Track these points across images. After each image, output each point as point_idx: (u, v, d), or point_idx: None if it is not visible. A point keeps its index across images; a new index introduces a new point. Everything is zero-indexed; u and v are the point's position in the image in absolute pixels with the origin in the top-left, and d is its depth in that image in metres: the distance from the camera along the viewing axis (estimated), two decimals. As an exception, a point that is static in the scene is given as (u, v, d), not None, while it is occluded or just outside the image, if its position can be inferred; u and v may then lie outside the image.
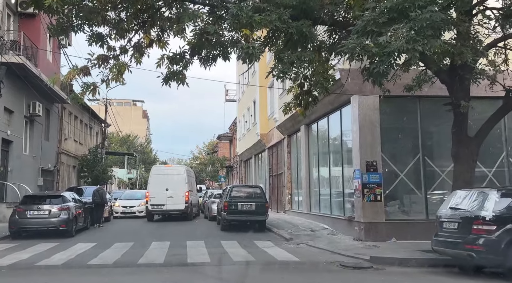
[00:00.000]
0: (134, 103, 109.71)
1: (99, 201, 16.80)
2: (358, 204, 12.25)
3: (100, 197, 16.79)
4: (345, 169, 14.05)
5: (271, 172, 25.46)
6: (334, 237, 12.97)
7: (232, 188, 15.88)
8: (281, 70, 7.40)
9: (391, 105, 12.74)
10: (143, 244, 11.91)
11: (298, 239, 12.87)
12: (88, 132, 32.96)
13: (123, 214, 21.85)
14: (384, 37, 5.75)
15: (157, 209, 19.41)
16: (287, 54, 7.03)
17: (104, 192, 17.55)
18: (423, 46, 5.77)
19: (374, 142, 12.24)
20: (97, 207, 16.83)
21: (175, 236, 13.84)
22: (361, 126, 12.27)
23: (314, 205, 17.41)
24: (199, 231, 15.42)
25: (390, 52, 5.72)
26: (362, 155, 12.18)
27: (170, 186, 19.46)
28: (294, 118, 18.55)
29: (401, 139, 12.81)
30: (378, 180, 12.17)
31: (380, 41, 5.75)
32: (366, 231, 11.93)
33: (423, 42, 5.76)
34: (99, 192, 17.02)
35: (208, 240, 12.94)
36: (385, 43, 5.70)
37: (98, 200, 16.78)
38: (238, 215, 15.07)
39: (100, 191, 17.19)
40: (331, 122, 15.41)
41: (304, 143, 18.18)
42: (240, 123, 35.50)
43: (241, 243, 12.29)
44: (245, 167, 36.19)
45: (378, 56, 5.88)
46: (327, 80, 8.64)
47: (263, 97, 26.34)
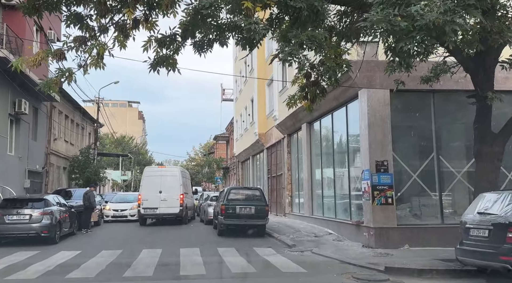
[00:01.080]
0: (129, 104, 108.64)
1: (87, 205, 15.87)
2: (368, 208, 11.23)
3: (88, 200, 15.80)
4: (352, 170, 13.04)
5: (270, 173, 24.42)
6: (340, 243, 11.94)
7: (229, 190, 14.82)
8: (288, 52, 6.36)
9: (402, 99, 11.75)
10: (132, 252, 10.84)
11: (301, 245, 11.83)
12: (80, 132, 31.79)
13: (114, 218, 20.74)
14: (416, 7, 4.75)
15: (150, 212, 18.32)
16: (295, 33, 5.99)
17: (93, 195, 16.48)
18: (463, 19, 4.77)
19: (384, 140, 11.23)
20: (85, 210, 15.89)
21: (168, 243, 12.78)
22: (370, 123, 11.26)
23: (317, 208, 16.39)
24: (194, 237, 14.35)
25: (422, 25, 4.71)
26: (371, 154, 11.17)
27: (164, 189, 18.38)
28: (295, 115, 17.55)
29: (414, 136, 11.82)
30: (389, 181, 11.16)
31: (412, 12, 4.74)
32: (376, 237, 10.92)
33: (462, 13, 4.77)
34: (88, 195, 16.04)
35: (204, 247, 11.89)
36: (417, 14, 4.70)
37: (87, 204, 15.84)
38: (236, 219, 14.03)
39: (88, 193, 16.18)
40: (335, 119, 14.39)
41: (305, 142, 17.16)
42: (237, 123, 34.46)
43: (240, 250, 11.25)
44: (242, 168, 35.16)
45: (407, 32, 4.87)
46: (340, 66, 7.60)
47: (262, 95, 25.32)
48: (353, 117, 13.04)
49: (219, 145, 53.38)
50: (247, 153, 30.85)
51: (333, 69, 7.29)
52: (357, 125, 12.72)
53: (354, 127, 13.03)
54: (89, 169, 27.63)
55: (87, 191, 16.38)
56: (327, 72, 7.44)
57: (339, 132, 14.29)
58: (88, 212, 16.00)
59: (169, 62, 6.94)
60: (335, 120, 14.45)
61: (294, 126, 18.70)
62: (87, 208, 15.90)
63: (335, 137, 14.58)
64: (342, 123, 13.74)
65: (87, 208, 15.90)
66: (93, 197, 16.28)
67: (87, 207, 15.84)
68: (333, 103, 13.80)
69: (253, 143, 27.14)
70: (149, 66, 7.08)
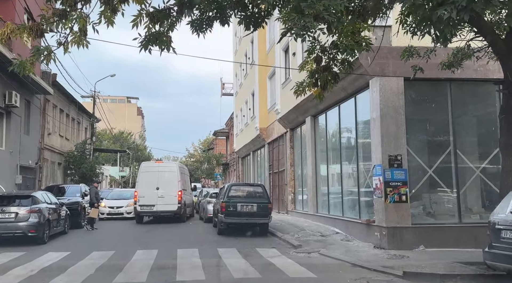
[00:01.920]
0: (128, 100, 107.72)
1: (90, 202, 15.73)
2: (379, 206, 10.41)
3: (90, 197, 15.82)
4: (361, 165, 12.21)
5: (272, 169, 23.59)
6: (349, 244, 11.13)
7: (230, 187, 13.99)
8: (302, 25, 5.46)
9: (417, 89, 10.93)
10: (125, 254, 10.02)
11: (307, 245, 11.02)
12: (75, 127, 30.91)
13: (110, 215, 19.90)
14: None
15: (147, 210, 17.50)
16: (309, 3, 5.10)
17: (96, 191, 16.06)
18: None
19: (398, 132, 10.40)
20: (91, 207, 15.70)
21: (164, 243, 11.96)
22: (383, 114, 10.42)
23: (322, 206, 15.57)
24: (193, 236, 13.53)
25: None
26: (384, 148, 10.34)
27: (161, 185, 17.56)
28: (298, 108, 16.71)
29: (429, 129, 10.97)
30: (403, 177, 10.33)
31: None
32: (389, 238, 10.10)
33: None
34: (90, 191, 15.94)
35: (203, 247, 11.08)
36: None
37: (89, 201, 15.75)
38: (237, 218, 13.21)
39: (91, 189, 15.97)
40: (343, 111, 13.55)
41: (310, 136, 16.32)
42: (238, 118, 33.60)
43: (242, 251, 10.45)
44: (242, 164, 34.34)
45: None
46: (359, 44, 6.74)
47: (263, 88, 24.46)
48: (363, 109, 12.21)
49: (218, 141, 52.53)
50: (248, 149, 30.01)
51: (351, 48, 6.43)
52: (367, 117, 11.90)
53: (364, 119, 12.20)
54: (85, 164, 26.78)
55: (91, 187, 16.14)
56: (345, 51, 6.56)
57: (347, 125, 13.44)
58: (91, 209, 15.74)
59: (162, 39, 6.08)
60: (342, 113, 13.60)
61: (298, 119, 17.86)
62: (91, 205, 15.58)
63: (343, 131, 13.73)
64: (350, 116, 12.89)
65: (91, 205, 15.58)
66: (93, 193, 15.88)
67: (93, 204, 15.57)
68: (340, 94, 12.96)
69: (254, 138, 26.30)
70: (140, 45, 6.22)
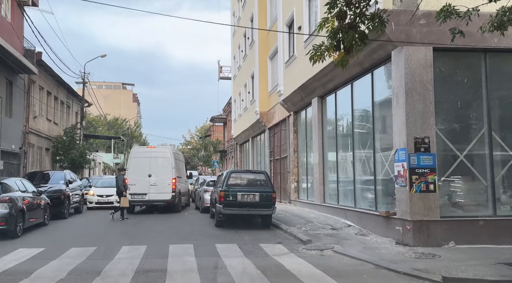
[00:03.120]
0: (123, 86, 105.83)
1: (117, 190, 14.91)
2: (403, 196, 9.01)
3: (116, 185, 14.77)
4: (377, 150, 10.77)
5: (273, 155, 22.16)
6: (366, 239, 9.75)
7: (229, 174, 12.53)
8: None
9: (447, 61, 9.46)
10: (108, 251, 8.62)
11: (318, 241, 9.64)
12: (65, 111, 29.29)
13: (99, 204, 18.49)
14: None
15: (138, 199, 16.07)
16: None
17: (121, 178, 14.93)
18: None
19: (425, 111, 8.95)
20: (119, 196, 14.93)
21: (155, 237, 10.56)
22: (408, 90, 8.95)
23: (331, 195, 14.18)
24: (188, 228, 12.12)
25: None
26: (409, 129, 8.90)
27: (154, 172, 16.12)
28: (304, 88, 15.21)
29: (460, 108, 9.50)
30: (431, 163, 8.92)
31: None
32: (414, 232, 8.72)
33: None
34: (116, 179, 14.95)
35: (199, 242, 9.69)
36: None
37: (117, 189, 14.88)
38: (237, 208, 11.80)
39: (117, 178, 15.01)
40: (357, 90, 12.06)
41: (317, 119, 14.85)
42: (236, 103, 32.05)
43: (243, 247, 9.07)
44: (241, 151, 32.91)
45: None
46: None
47: (263, 70, 22.91)
48: (381, 86, 10.75)
49: (215, 127, 51.03)
50: (247, 135, 28.55)
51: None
52: (386, 94, 10.45)
53: (383, 97, 10.75)
54: (74, 150, 25.24)
55: (117, 175, 15.09)
56: None
57: (362, 105, 11.97)
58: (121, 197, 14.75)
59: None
60: (356, 91, 12.11)
61: (303, 101, 16.36)
62: (119, 194, 14.75)
63: (356, 112, 12.25)
64: (365, 94, 11.41)
65: (119, 194, 14.75)
66: (120, 181, 14.79)
67: (117, 192, 14.81)
68: (354, 70, 11.46)
69: (254, 123, 24.82)
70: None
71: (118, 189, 14.75)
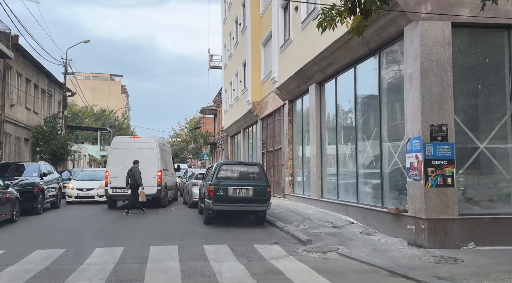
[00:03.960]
0: (112, 78, 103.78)
1: (132, 183, 13.71)
2: (417, 191, 7.95)
3: (133, 178, 13.66)
4: (385, 139, 9.70)
5: (266, 147, 21.03)
6: (373, 239, 8.68)
7: (220, 166, 11.36)
8: None
9: (466, 38, 8.39)
10: (79, 253, 7.45)
11: (319, 241, 8.56)
12: (46, 99, 27.78)
13: (79, 198, 17.21)
14: None
15: (120, 193, 14.84)
16: None
17: (138, 171, 13.81)
18: None
19: (443, 95, 7.87)
20: (132, 190, 13.80)
21: (136, 236, 9.38)
22: (424, 70, 7.86)
23: (330, 190, 13.11)
24: (173, 226, 10.96)
25: None
26: (425, 115, 7.82)
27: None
28: (300, 74, 14.07)
29: (481, 92, 8.44)
30: (449, 154, 7.86)
31: None
32: (430, 232, 7.68)
33: None
34: (132, 172, 13.71)
35: (185, 242, 8.55)
36: None
37: (131, 182, 13.71)
38: (228, 204, 10.67)
39: (133, 170, 13.75)
40: (361, 73, 10.94)
41: (315, 108, 13.72)
42: (227, 93, 30.82)
43: (235, 249, 7.96)
44: (232, 144, 31.73)
45: None
46: None
47: (256, 57, 21.70)
48: (390, 68, 9.68)
49: (206, 119, 49.72)
50: (238, 126, 27.37)
51: None
52: (395, 77, 9.38)
53: (392, 81, 9.67)
54: (55, 141, 23.81)
55: (132, 168, 13.82)
56: None
57: (367, 90, 10.88)
58: (134, 191, 13.72)
59: None
60: (360, 75, 11.00)
61: (299, 88, 15.22)
62: (133, 187, 13.68)
63: (360, 98, 11.14)
64: (371, 78, 10.31)
65: (133, 187, 13.68)
66: (138, 174, 13.71)
67: (132, 185, 13.68)
68: (358, 51, 10.35)
69: (245, 114, 23.64)
70: None
71: (136, 182, 13.66)
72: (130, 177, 13.64)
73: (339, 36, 10.30)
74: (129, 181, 13.64)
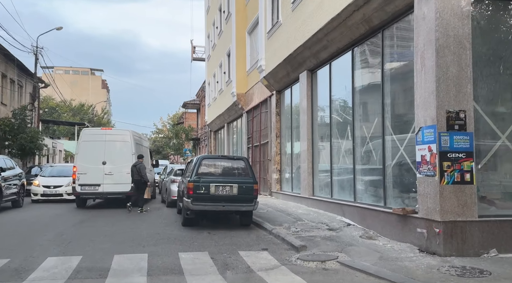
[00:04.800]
0: (92, 72, 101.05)
1: (137, 179, 12.67)
2: (429, 188, 6.80)
3: (139, 174, 12.60)
4: (389, 131, 8.54)
5: (251, 142, 19.77)
6: (377, 244, 7.52)
7: (201, 161, 10.03)
8: None
9: (486, 12, 7.25)
10: (25, 264, 6.08)
11: (315, 247, 7.35)
12: (16, 90, 25.94)
13: (45, 196, 15.67)
14: None
15: (89, 191, 13.38)
16: None
17: (143, 167, 12.67)
18: None
19: (461, 76, 6.73)
20: (136, 186, 12.80)
21: (100, 241, 8.01)
22: (440, 47, 6.70)
23: (322, 187, 11.93)
24: (147, 229, 9.61)
25: None
26: (440, 100, 6.67)
27: (109, 158, 13.48)
28: (291, 60, 12.85)
29: (503, 73, 7.33)
30: (467, 145, 6.74)
31: None
32: (446, 237, 6.54)
33: None
34: (137, 167, 12.68)
35: (157, 249, 7.24)
36: None
37: (137, 178, 12.66)
38: (210, 203, 9.37)
39: (138, 165, 12.72)
40: (359, 57, 9.76)
41: (306, 97, 12.52)
42: (210, 86, 29.43)
43: (217, 257, 6.70)
44: (215, 139, 30.38)
45: None
46: None
47: (241, 46, 20.39)
48: (394, 49, 8.50)
49: (188, 114, 48.16)
50: (222, 120, 26.04)
51: None
52: (401, 59, 8.23)
53: (397, 63, 8.51)
54: (24, 134, 22.08)
55: (136, 163, 12.84)
56: None
57: (366, 75, 9.71)
58: (140, 188, 12.77)
59: None
60: (358, 59, 9.81)
61: (288, 77, 13.98)
62: (138, 183, 12.69)
63: (358, 84, 9.96)
64: (372, 61, 9.14)
65: (138, 183, 12.69)
66: (143, 170, 12.78)
67: (138, 182, 12.66)
68: (358, 31, 9.17)
69: (230, 107, 22.33)
70: None
71: (142, 178, 12.51)
72: (135, 173, 12.63)
73: (336, 13, 9.11)
74: (134, 177, 12.66)
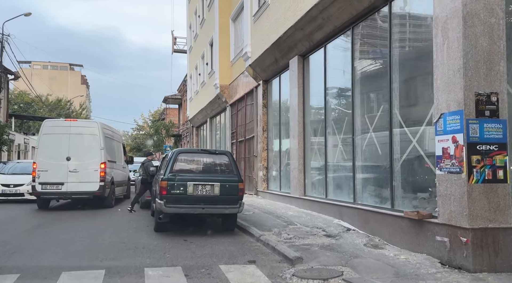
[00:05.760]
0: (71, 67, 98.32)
1: (145, 178, 11.75)
2: (453, 188, 5.56)
3: (145, 172, 11.65)
4: (398, 122, 7.29)
5: (236, 137, 18.39)
6: (386, 255, 6.25)
7: (176, 155, 8.60)
8: None
9: (521, -23, 6.04)
10: None
11: (313, 258, 6.05)
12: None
13: (4, 196, 14.02)
14: None
15: (52, 190, 11.80)
16: None
17: (151, 165, 11.66)
18: None
19: (492, 51, 5.51)
20: (143, 184, 11.95)
21: (49, 252, 6.55)
22: (467, 15, 5.47)
23: (315, 186, 10.66)
24: (111, 236, 8.14)
25: None
26: (468, 78, 5.43)
27: (74, 154, 11.92)
28: (280, 45, 11.54)
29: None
30: (500, 135, 5.53)
31: None
32: (475, 248, 5.31)
33: None
34: (145, 165, 11.80)
35: (118, 264, 5.82)
36: None
37: (144, 176, 11.82)
38: (187, 205, 7.97)
39: (146, 163, 11.82)
40: (360, 36, 8.48)
41: (297, 86, 11.21)
42: (192, 79, 27.92)
43: (193, 274, 5.34)
44: (197, 135, 28.92)
45: None
46: None
47: (224, 34, 19.00)
48: (405, 23, 7.25)
49: (170, 110, 46.47)
50: (204, 115, 24.60)
51: None
52: (415, 36, 6.99)
53: (408, 41, 7.26)
54: (-13, 129, 20.26)
55: (144, 161, 12.09)
56: None
57: (370, 59, 8.44)
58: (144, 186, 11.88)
59: None
60: (359, 38, 8.53)
61: (277, 64, 12.65)
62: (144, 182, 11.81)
63: (359, 68, 8.68)
64: (377, 39, 7.87)
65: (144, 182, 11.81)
66: (148, 168, 11.54)
67: (144, 181, 11.78)
68: (360, 4, 7.91)
69: (212, 100, 20.92)
70: None
71: (150, 178, 11.31)
72: (143, 171, 11.88)
73: (335, -16, 7.82)
74: (142, 176, 12.02)
